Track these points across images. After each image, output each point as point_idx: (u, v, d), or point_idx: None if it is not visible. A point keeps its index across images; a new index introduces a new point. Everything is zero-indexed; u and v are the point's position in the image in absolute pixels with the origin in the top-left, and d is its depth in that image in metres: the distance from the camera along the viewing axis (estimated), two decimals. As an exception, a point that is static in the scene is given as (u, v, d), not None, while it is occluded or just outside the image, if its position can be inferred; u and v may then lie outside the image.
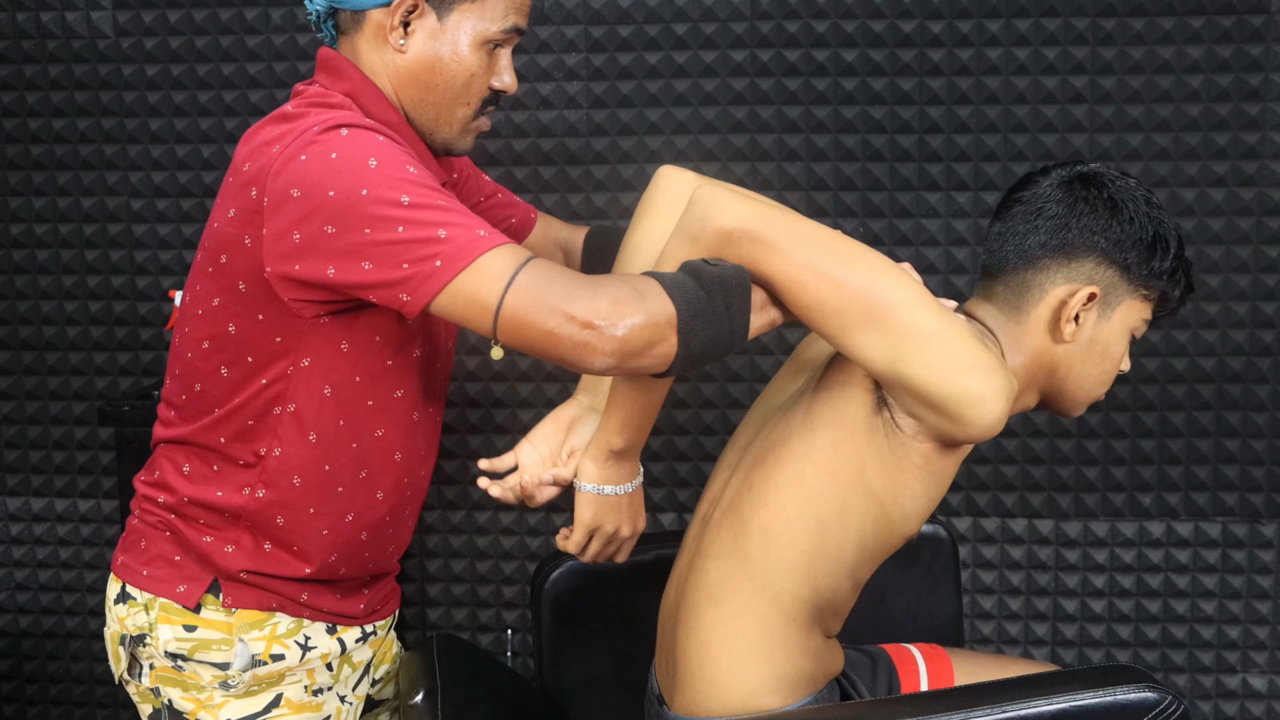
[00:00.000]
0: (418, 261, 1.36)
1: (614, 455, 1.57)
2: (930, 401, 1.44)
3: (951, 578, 2.01)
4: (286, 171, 1.41)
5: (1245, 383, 2.54)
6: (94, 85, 2.58)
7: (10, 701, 2.81)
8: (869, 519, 1.53)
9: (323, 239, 1.39)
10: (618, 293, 1.35)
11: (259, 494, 1.56)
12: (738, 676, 1.56)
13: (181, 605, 1.58)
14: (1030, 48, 2.46)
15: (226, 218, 1.48)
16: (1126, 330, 1.60)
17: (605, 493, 1.59)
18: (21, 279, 2.66)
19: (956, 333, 1.43)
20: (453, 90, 1.56)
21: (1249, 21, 2.41)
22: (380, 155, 1.40)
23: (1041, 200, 1.58)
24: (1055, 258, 1.56)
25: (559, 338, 1.35)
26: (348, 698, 1.68)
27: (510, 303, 1.35)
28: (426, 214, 1.37)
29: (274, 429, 1.54)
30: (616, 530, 1.61)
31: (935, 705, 1.48)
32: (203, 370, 1.55)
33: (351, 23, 1.56)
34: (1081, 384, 1.61)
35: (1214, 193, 2.48)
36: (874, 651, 1.81)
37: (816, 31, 2.47)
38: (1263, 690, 2.63)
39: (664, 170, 1.72)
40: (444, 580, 2.71)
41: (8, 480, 2.74)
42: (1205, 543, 2.60)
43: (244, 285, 1.49)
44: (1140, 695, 1.42)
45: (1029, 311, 1.58)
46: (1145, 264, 1.57)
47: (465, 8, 1.53)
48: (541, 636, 1.94)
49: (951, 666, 1.78)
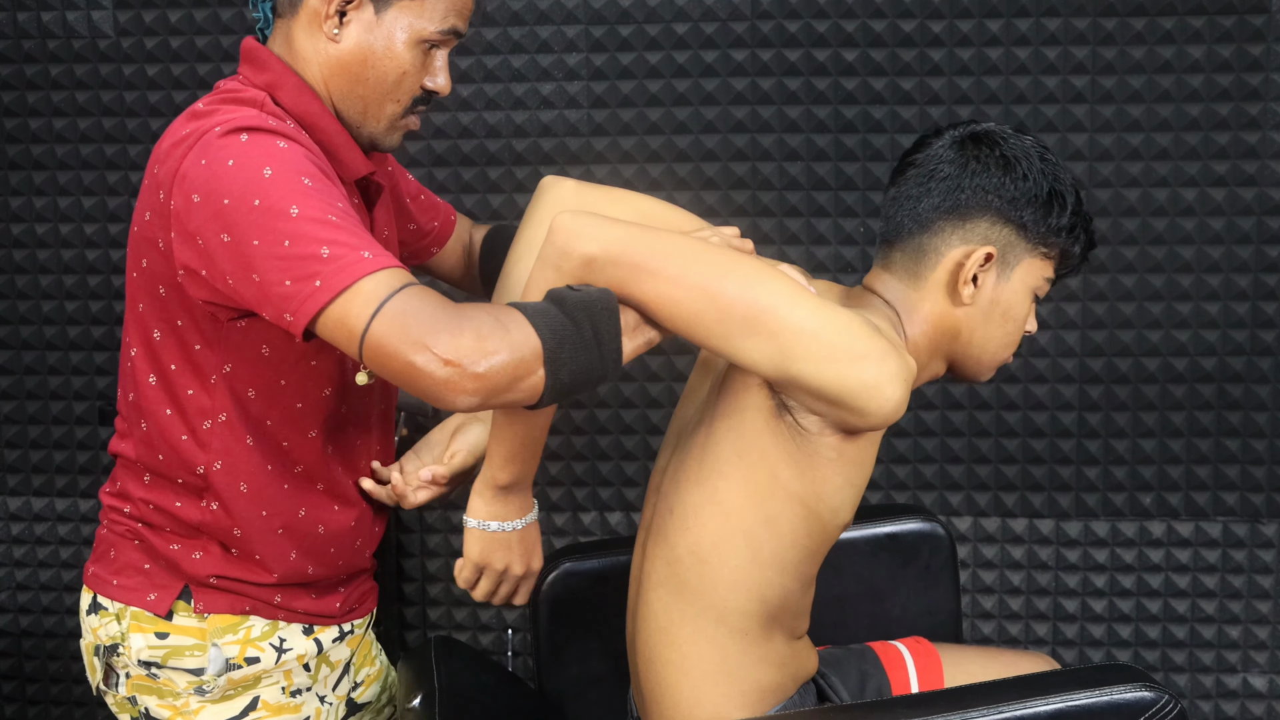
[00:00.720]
0: (299, 279, 1.33)
1: (501, 490, 1.52)
2: (826, 397, 1.41)
3: (949, 575, 2.00)
4: (190, 176, 1.40)
5: (1246, 382, 2.54)
6: (95, 85, 2.58)
7: (11, 701, 2.82)
8: (798, 520, 1.50)
9: (220, 246, 1.37)
10: (481, 327, 1.30)
11: (212, 506, 1.55)
12: (699, 701, 1.55)
13: (153, 613, 1.58)
14: (1031, 47, 2.45)
15: (144, 221, 1.47)
16: (1028, 290, 1.57)
17: (491, 529, 1.54)
18: (22, 279, 2.66)
19: (841, 324, 1.40)
20: (383, 86, 1.53)
21: (1249, 21, 2.41)
22: (276, 164, 1.37)
23: (934, 162, 1.56)
24: (949, 219, 1.54)
25: (421, 373, 1.29)
26: (327, 698, 1.67)
27: (375, 329, 1.30)
28: (313, 229, 1.34)
29: (208, 442, 1.53)
30: (507, 568, 1.57)
31: (932, 707, 1.48)
32: (136, 379, 1.55)
33: (288, 6, 1.54)
34: (986, 347, 1.58)
35: (1214, 192, 2.48)
36: (860, 650, 1.80)
37: (817, 31, 2.47)
38: (1263, 690, 2.63)
39: (546, 181, 1.69)
40: (444, 580, 2.71)
41: (8, 480, 2.74)
42: (1206, 542, 2.59)
43: (163, 290, 1.48)
44: (1137, 694, 1.42)
45: (926, 276, 1.56)
46: (1042, 221, 1.54)
47: (404, 5, 1.51)
48: (539, 638, 1.94)
49: (939, 660, 1.77)
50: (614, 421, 2.63)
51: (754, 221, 2.55)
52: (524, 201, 2.56)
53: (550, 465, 2.65)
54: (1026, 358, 2.55)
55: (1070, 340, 2.54)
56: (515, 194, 2.56)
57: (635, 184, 2.55)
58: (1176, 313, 2.52)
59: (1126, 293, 2.51)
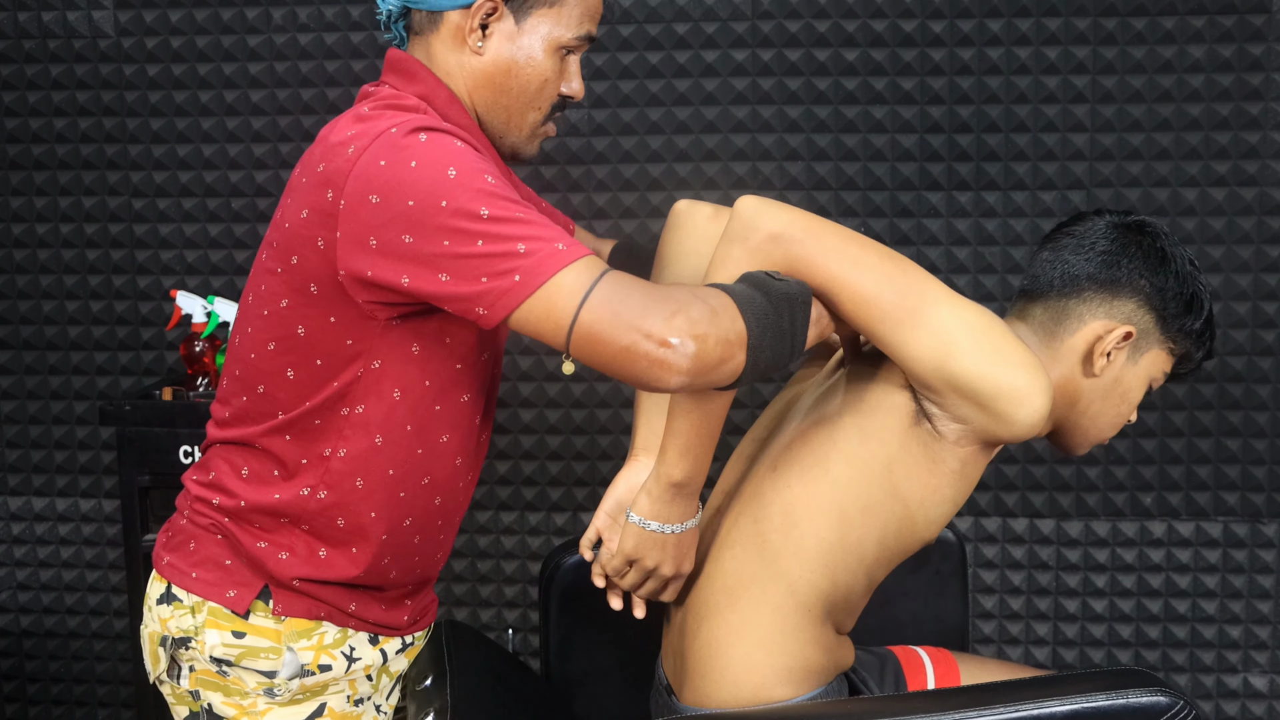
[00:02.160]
0: (496, 275, 1.35)
1: (673, 488, 1.55)
2: (978, 398, 1.46)
3: (959, 582, 2.00)
4: (365, 175, 1.40)
5: (1246, 382, 2.54)
6: (95, 85, 2.58)
7: (11, 701, 2.81)
8: (892, 518, 1.55)
9: (399, 247, 1.38)
10: (692, 310, 1.35)
11: (320, 495, 1.54)
12: (750, 667, 1.56)
13: (231, 610, 1.57)
14: (1031, 47, 2.45)
15: (299, 219, 1.46)
16: (1147, 378, 1.64)
17: (650, 528, 1.56)
18: (23, 279, 2.66)
19: (1001, 330, 1.48)
20: (526, 94, 1.56)
21: (1250, 21, 2.41)
22: (460, 164, 1.39)
23: (1094, 235, 1.62)
24: (1100, 291, 1.60)
25: (635, 355, 1.34)
26: (382, 707, 1.68)
27: (585, 318, 1.34)
28: (505, 228, 1.36)
29: (340, 429, 1.52)
30: (657, 567, 1.59)
31: (948, 702, 1.48)
32: (267, 372, 1.53)
33: (427, 23, 1.55)
34: (1096, 421, 1.64)
35: (1215, 192, 2.48)
36: (881, 653, 1.81)
37: (818, 31, 2.47)
38: (1264, 690, 2.63)
39: (680, 206, 1.73)
40: (445, 580, 2.71)
41: (9, 480, 2.74)
42: (1206, 542, 2.60)
43: (315, 288, 1.47)
44: (1152, 699, 1.42)
45: (1064, 339, 1.61)
46: (1180, 318, 1.60)
47: (543, 13, 1.53)
48: (549, 628, 1.94)
49: (958, 670, 1.78)
50: (614, 421, 2.63)
51: (755, 221, 2.55)
52: (525, 201, 2.56)
53: (550, 465, 2.65)
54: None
55: (1071, 340, 2.55)
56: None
57: (636, 183, 2.55)
58: (1177, 312, 2.52)
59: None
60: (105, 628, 2.78)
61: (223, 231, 2.63)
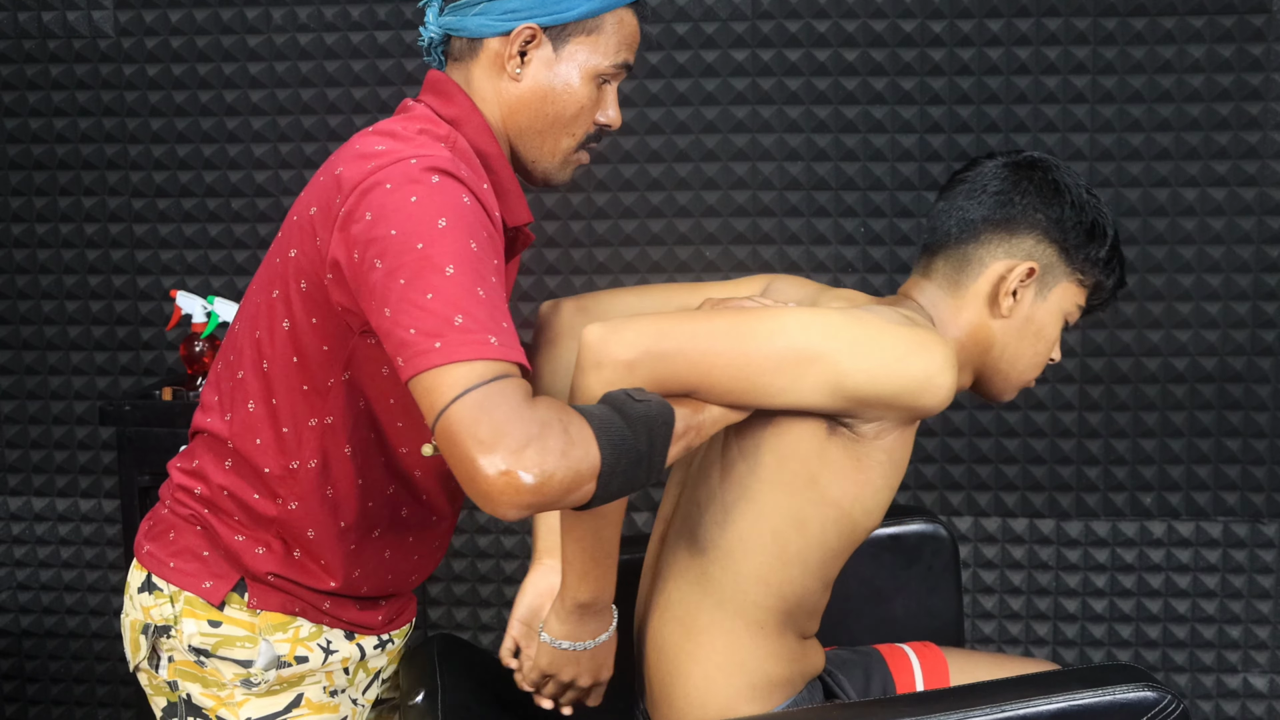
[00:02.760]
0: (424, 333, 1.33)
1: (580, 609, 1.54)
2: (883, 400, 1.44)
3: (952, 578, 2.00)
4: (370, 193, 1.40)
5: (1246, 382, 2.54)
6: (95, 85, 2.58)
7: (11, 701, 2.82)
8: (829, 523, 1.52)
9: (370, 269, 1.38)
10: (549, 440, 1.30)
11: (290, 505, 1.55)
12: (710, 691, 1.56)
13: (206, 601, 1.58)
14: (1031, 47, 2.45)
15: (307, 214, 1.48)
16: (1061, 313, 1.62)
17: (564, 647, 1.57)
18: (23, 279, 2.66)
19: (875, 328, 1.45)
20: (562, 121, 1.56)
21: (1250, 21, 2.41)
22: (454, 218, 1.38)
23: (986, 178, 1.60)
24: (997, 232, 1.58)
25: (477, 473, 1.29)
26: (359, 701, 1.69)
27: (450, 415, 1.30)
28: (459, 294, 1.34)
29: (310, 440, 1.53)
30: (574, 680, 1.60)
31: (934, 705, 1.48)
32: (250, 359, 1.55)
33: (467, 50, 1.56)
34: (1015, 364, 1.62)
35: (1215, 192, 2.48)
36: (866, 651, 1.80)
37: (818, 31, 2.47)
38: (1264, 690, 2.63)
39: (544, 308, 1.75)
40: (445, 580, 2.71)
41: (9, 480, 2.74)
42: (1206, 542, 2.59)
43: (304, 284, 1.48)
44: (1139, 694, 1.42)
45: (968, 286, 1.59)
46: (1083, 248, 1.58)
47: (581, 40, 1.54)
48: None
49: (946, 664, 1.77)
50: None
51: (754, 221, 2.55)
52: (525, 201, 2.56)
53: (551, 465, 2.65)
54: (1027, 358, 2.55)
55: (1071, 340, 2.54)
56: (516, 194, 2.56)
57: (636, 183, 2.55)
58: (1177, 312, 2.52)
59: (1127, 293, 2.51)
60: (105, 628, 2.78)
61: (223, 231, 2.63)
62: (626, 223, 2.57)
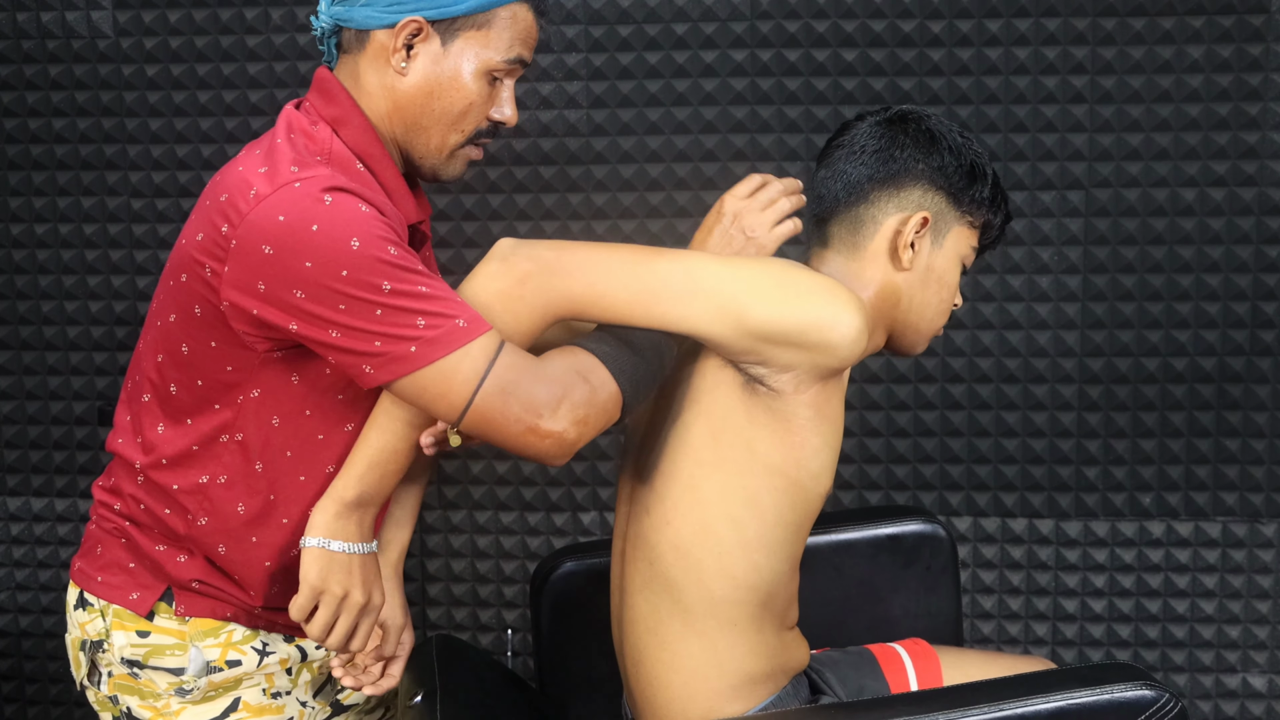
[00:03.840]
0: (391, 341, 1.36)
1: (347, 507, 1.48)
2: (789, 338, 1.46)
3: (950, 577, 2.00)
4: (261, 225, 1.38)
5: (1246, 382, 2.54)
6: (94, 85, 2.58)
7: (10, 701, 2.82)
8: (780, 494, 1.53)
9: (289, 299, 1.37)
10: (575, 393, 1.41)
11: (200, 521, 1.54)
12: (691, 696, 1.56)
13: (133, 612, 1.57)
14: (1030, 47, 2.45)
15: (195, 240, 1.45)
16: (958, 258, 1.65)
17: (333, 548, 1.48)
18: (22, 279, 2.66)
19: (780, 269, 1.48)
20: (449, 116, 1.53)
21: (1249, 21, 2.41)
22: (363, 233, 1.37)
23: (862, 139, 1.63)
24: (884, 189, 1.60)
25: (524, 443, 1.41)
26: (309, 703, 1.67)
27: (479, 404, 1.38)
28: (406, 301, 1.37)
29: (219, 456, 1.52)
30: (347, 595, 1.49)
31: (930, 704, 1.48)
32: (155, 383, 1.54)
33: (355, 42, 1.54)
34: (924, 314, 1.64)
35: (1214, 192, 2.48)
36: (857, 651, 1.80)
37: (816, 31, 2.47)
38: (1263, 690, 2.63)
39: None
40: (444, 580, 2.71)
41: (8, 480, 2.74)
42: (1205, 542, 2.59)
43: (199, 310, 1.46)
44: (1137, 693, 1.42)
45: (865, 246, 1.61)
46: (968, 190, 1.62)
47: (470, 35, 1.51)
48: (541, 637, 1.94)
49: (939, 662, 1.77)
50: (614, 421, 2.63)
51: (754, 221, 2.55)
52: (524, 202, 2.56)
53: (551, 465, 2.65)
54: (1026, 357, 2.55)
55: (1070, 340, 2.55)
56: (515, 194, 2.56)
57: (635, 184, 2.55)
58: (1176, 313, 2.52)
59: (1126, 293, 2.51)
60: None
61: (222, 232, 2.63)
62: (626, 223, 2.57)
